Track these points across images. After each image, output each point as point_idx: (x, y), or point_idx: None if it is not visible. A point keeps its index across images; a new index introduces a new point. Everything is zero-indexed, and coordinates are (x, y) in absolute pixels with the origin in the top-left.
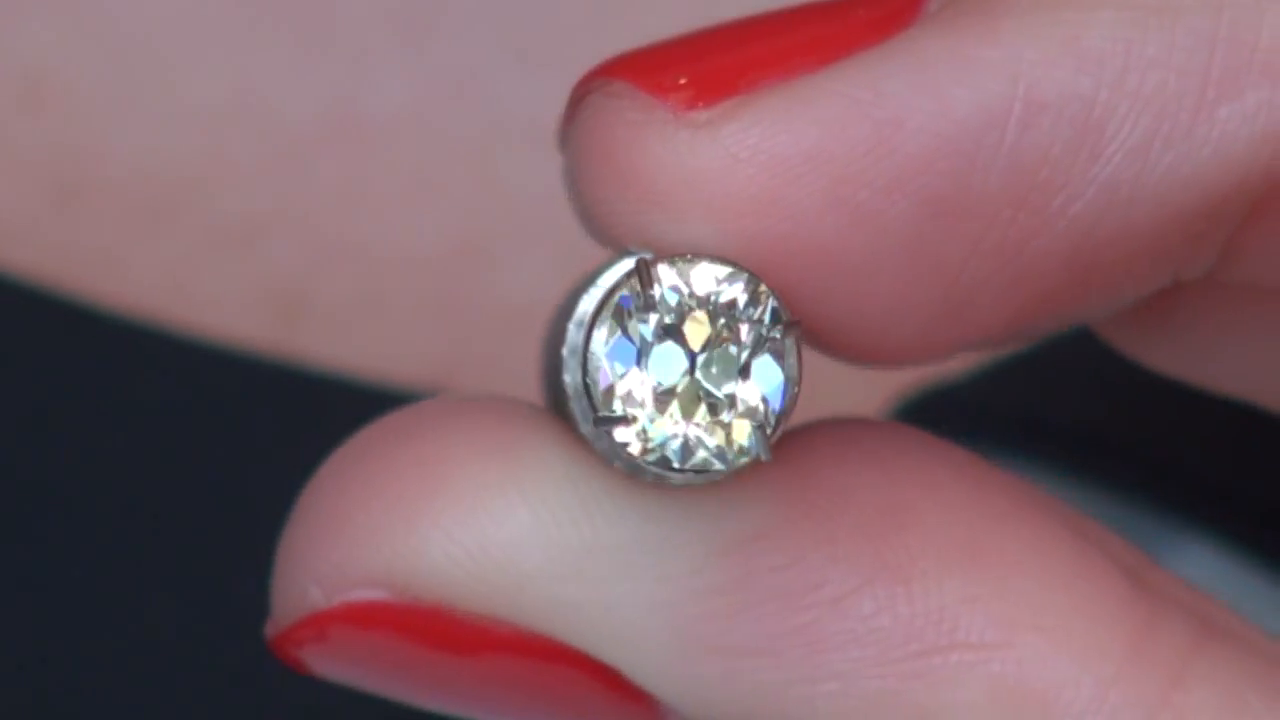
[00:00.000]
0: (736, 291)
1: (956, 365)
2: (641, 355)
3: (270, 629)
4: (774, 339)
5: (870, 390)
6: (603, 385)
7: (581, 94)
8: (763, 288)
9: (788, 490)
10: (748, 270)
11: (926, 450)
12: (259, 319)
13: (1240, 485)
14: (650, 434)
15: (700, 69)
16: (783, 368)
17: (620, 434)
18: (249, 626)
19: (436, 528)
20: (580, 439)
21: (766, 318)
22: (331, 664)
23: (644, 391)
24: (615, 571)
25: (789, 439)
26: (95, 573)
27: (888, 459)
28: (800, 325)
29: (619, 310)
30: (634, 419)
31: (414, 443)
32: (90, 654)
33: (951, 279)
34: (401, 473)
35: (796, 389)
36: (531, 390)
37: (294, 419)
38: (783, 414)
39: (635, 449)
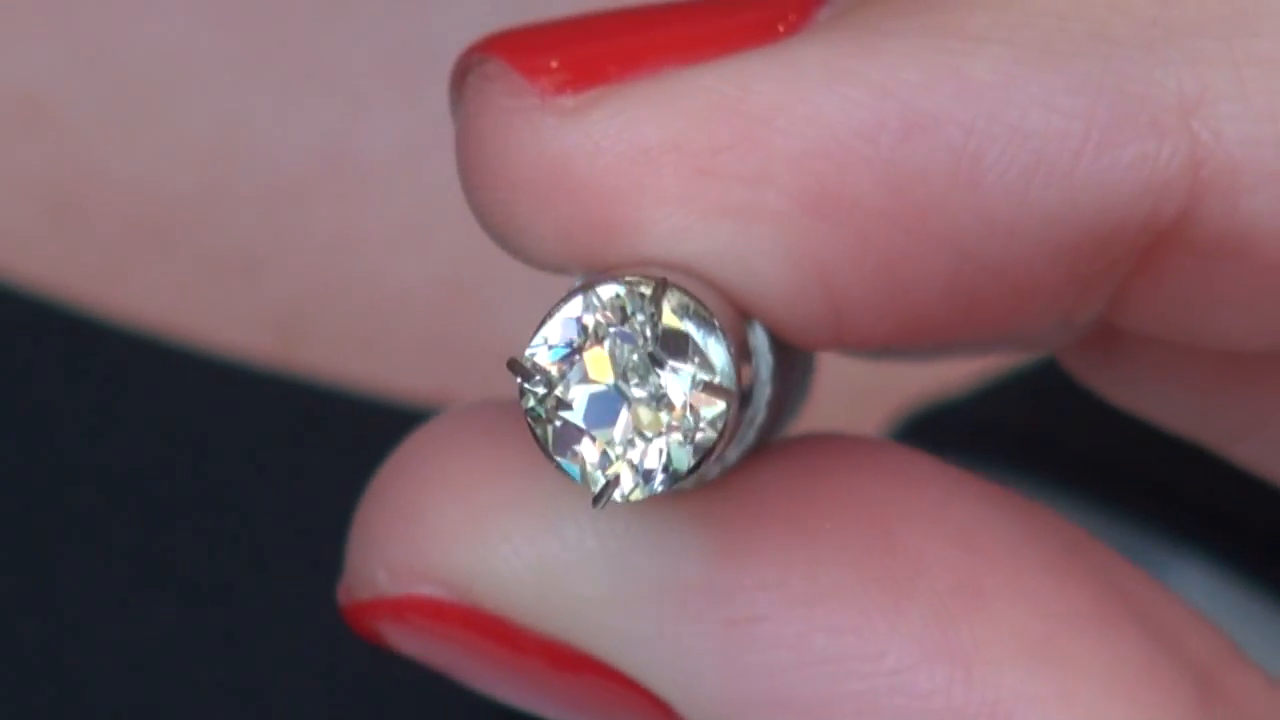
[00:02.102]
0: (621, 301)
1: (958, 382)
2: (584, 348)
3: (343, 594)
4: (653, 318)
5: (871, 405)
6: (540, 341)
7: (463, 69)
8: (642, 288)
9: (863, 549)
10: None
11: (1012, 523)
12: (257, 343)
13: (1240, 508)
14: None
15: (574, 54)
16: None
17: (529, 384)
18: (252, 636)
19: (505, 541)
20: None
21: (665, 314)
22: (404, 641)
23: (573, 338)
24: (680, 612)
25: (858, 475)
26: (94, 585)
27: (970, 529)
28: (667, 284)
29: (567, 321)
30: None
31: (496, 446)
32: (93, 665)
33: (830, 283)
34: (481, 476)
35: (737, 403)
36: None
37: (294, 430)
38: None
39: (532, 399)
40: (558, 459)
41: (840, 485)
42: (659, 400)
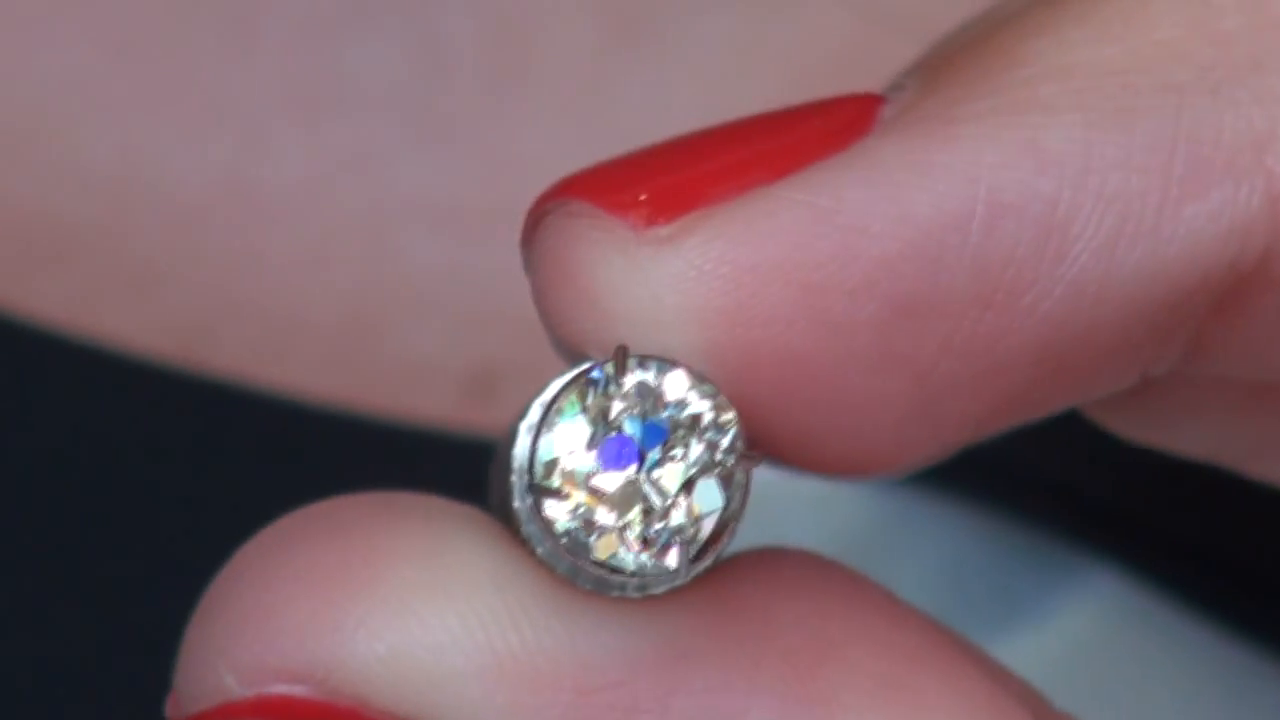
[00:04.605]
0: (704, 408)
1: None
2: (594, 440)
3: (173, 709)
4: (726, 464)
5: None
6: (547, 457)
7: (539, 214)
8: (729, 413)
9: (715, 614)
10: (719, 391)
11: (849, 586)
12: (163, 355)
13: (1145, 511)
14: (580, 516)
15: (658, 185)
16: (724, 494)
17: (550, 507)
18: (164, 638)
19: (362, 627)
20: (511, 519)
21: (725, 441)
22: None
23: (585, 470)
24: (538, 680)
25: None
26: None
27: (812, 591)
28: (756, 460)
29: (586, 389)
30: (567, 496)
31: (342, 537)
32: (35, 675)
33: (922, 379)
34: (329, 567)
35: (735, 521)
36: (416, 439)
37: (202, 431)
38: (711, 540)
39: (561, 526)
40: (605, 560)
41: None
42: (652, 505)
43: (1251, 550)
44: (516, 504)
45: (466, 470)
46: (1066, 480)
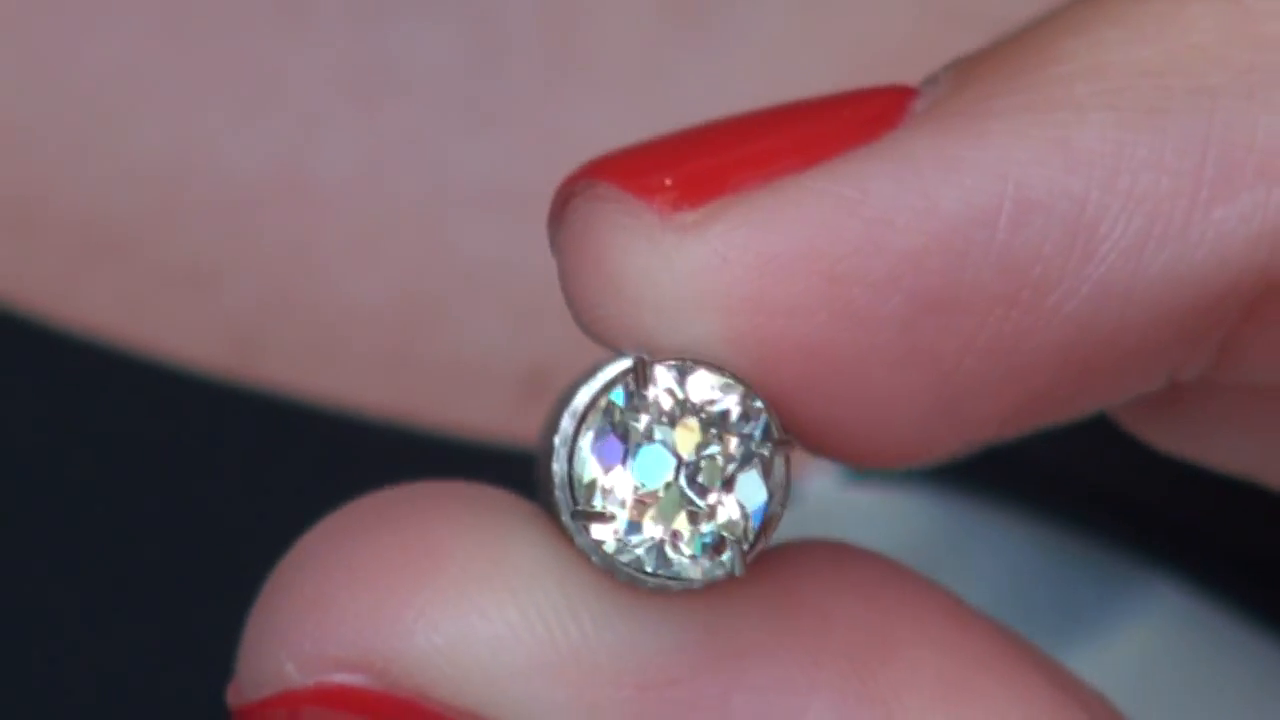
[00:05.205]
0: (731, 403)
1: None
2: (628, 454)
3: (234, 696)
4: (763, 455)
5: None
6: (585, 478)
7: (566, 196)
8: (757, 402)
9: (775, 610)
10: (744, 382)
11: (911, 586)
12: (215, 356)
13: (1207, 524)
14: (627, 534)
15: (685, 170)
16: (767, 485)
17: (597, 530)
18: (208, 656)
19: (423, 618)
20: (562, 529)
21: (757, 433)
22: None
23: (626, 491)
24: (597, 676)
25: (774, 554)
26: (57, 598)
27: (874, 590)
28: (791, 444)
29: (610, 406)
30: (612, 517)
31: (403, 528)
32: (59, 679)
33: (946, 375)
34: (390, 558)
35: (781, 509)
36: (471, 450)
37: (255, 443)
38: (761, 531)
39: (610, 547)
40: (661, 573)
41: None
42: (698, 507)
43: None
44: (564, 519)
45: (524, 472)
46: (1127, 491)
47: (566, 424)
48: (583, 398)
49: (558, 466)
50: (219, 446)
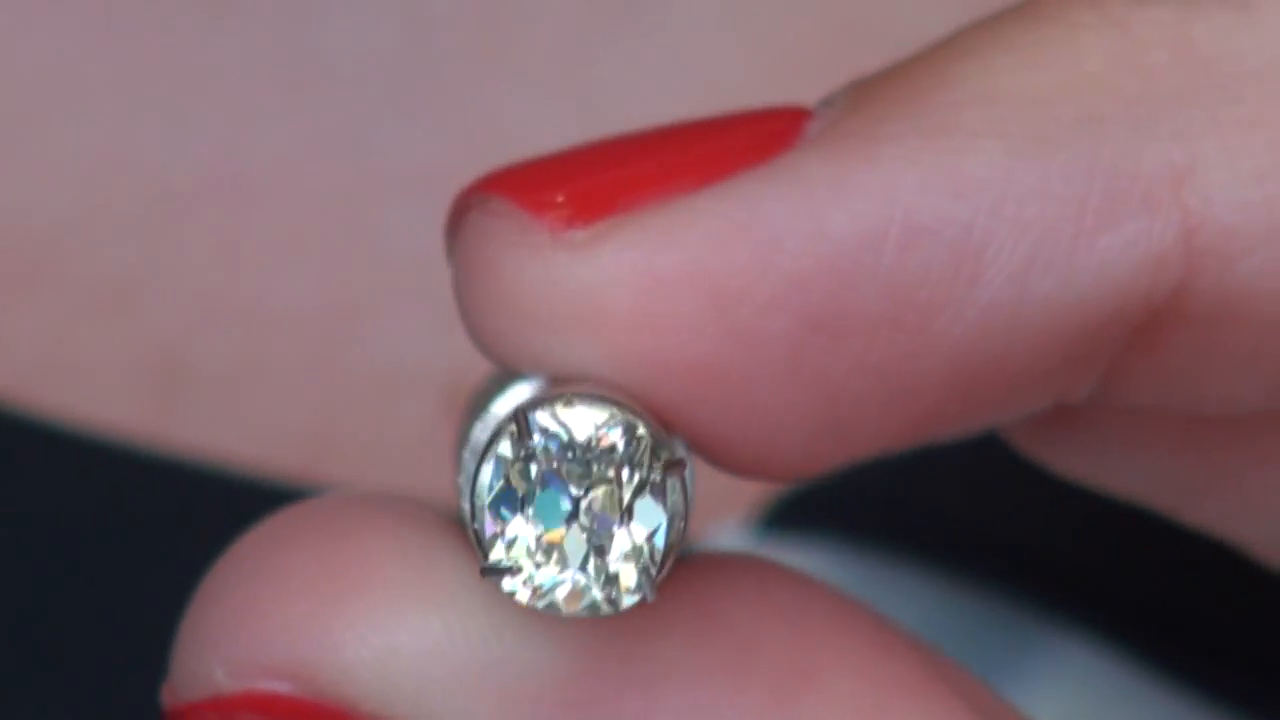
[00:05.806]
0: (615, 436)
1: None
2: (525, 502)
3: (168, 695)
4: (654, 481)
5: (735, 494)
6: (488, 533)
7: (463, 208)
8: (640, 431)
9: (698, 631)
10: (628, 407)
11: (835, 608)
12: (135, 387)
13: (1112, 578)
14: (537, 580)
15: (578, 187)
16: (664, 506)
17: (507, 584)
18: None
19: (350, 630)
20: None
21: (645, 459)
22: None
23: (529, 538)
24: (521, 693)
25: (699, 568)
26: None
27: (797, 613)
28: (683, 464)
29: (499, 461)
30: (519, 569)
31: (334, 538)
32: None
33: (833, 395)
34: (319, 569)
35: (683, 523)
36: (405, 456)
37: (170, 513)
38: (668, 550)
39: (523, 597)
40: (576, 612)
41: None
42: (601, 542)
43: (1211, 607)
44: (480, 564)
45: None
46: (1032, 545)
47: (468, 461)
48: (479, 435)
49: (465, 506)
50: (134, 519)
